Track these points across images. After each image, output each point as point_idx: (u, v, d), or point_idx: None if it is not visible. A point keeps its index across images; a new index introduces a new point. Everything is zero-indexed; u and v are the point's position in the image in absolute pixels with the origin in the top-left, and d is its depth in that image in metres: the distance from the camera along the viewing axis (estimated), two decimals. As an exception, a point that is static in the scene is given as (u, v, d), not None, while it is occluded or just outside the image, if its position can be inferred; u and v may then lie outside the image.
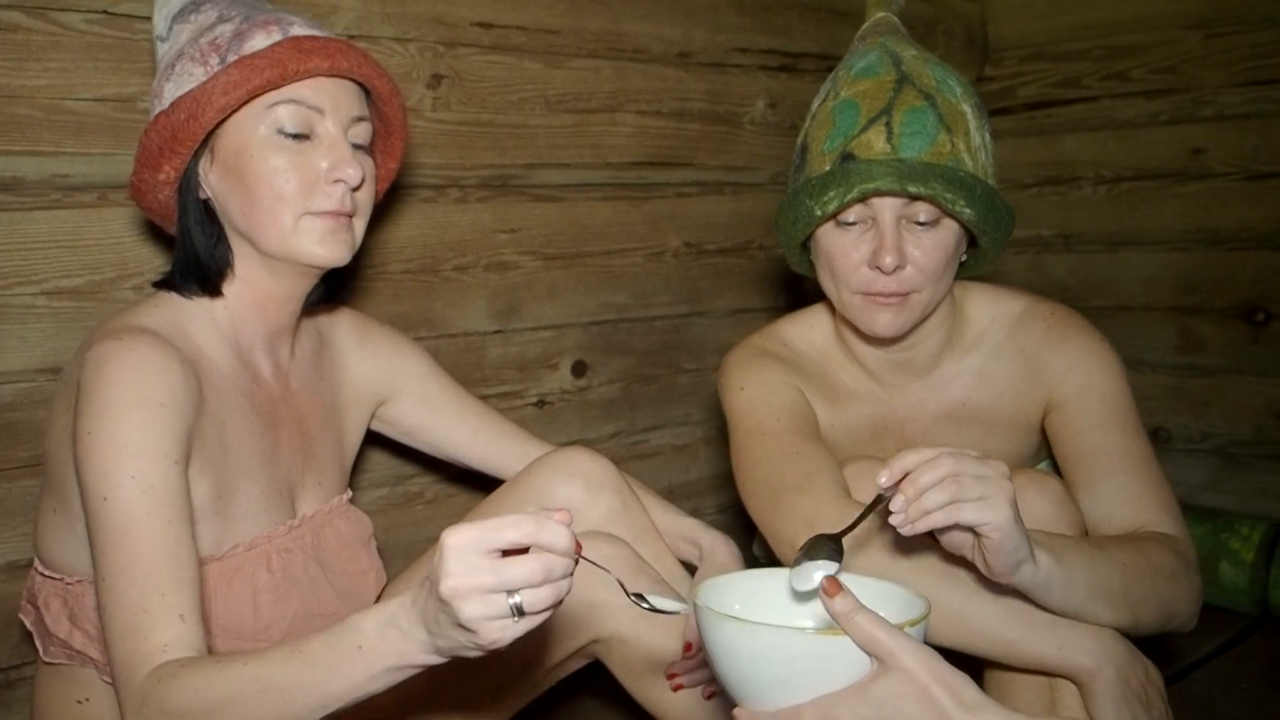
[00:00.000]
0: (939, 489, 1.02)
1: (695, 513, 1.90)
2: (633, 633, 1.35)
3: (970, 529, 1.05)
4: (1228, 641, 1.99)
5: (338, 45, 1.22)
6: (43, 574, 1.27)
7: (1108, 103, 2.46)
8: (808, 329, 1.56)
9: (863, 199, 1.34)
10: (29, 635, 1.28)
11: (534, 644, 1.33)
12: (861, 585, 1.01)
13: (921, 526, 1.03)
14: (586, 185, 2.00)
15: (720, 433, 2.21)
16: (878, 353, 1.50)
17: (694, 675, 1.34)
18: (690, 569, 1.48)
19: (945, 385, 1.51)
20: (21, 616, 1.29)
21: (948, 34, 2.56)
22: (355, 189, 1.24)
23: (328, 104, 1.23)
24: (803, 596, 1.06)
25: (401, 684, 1.25)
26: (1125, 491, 1.34)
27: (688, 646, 1.33)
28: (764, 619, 0.94)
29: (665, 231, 2.12)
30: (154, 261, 1.51)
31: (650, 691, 1.37)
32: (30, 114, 1.41)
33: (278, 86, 1.19)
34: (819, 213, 1.35)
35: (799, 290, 2.30)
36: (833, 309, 1.53)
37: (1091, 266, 2.51)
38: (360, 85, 1.27)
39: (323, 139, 1.23)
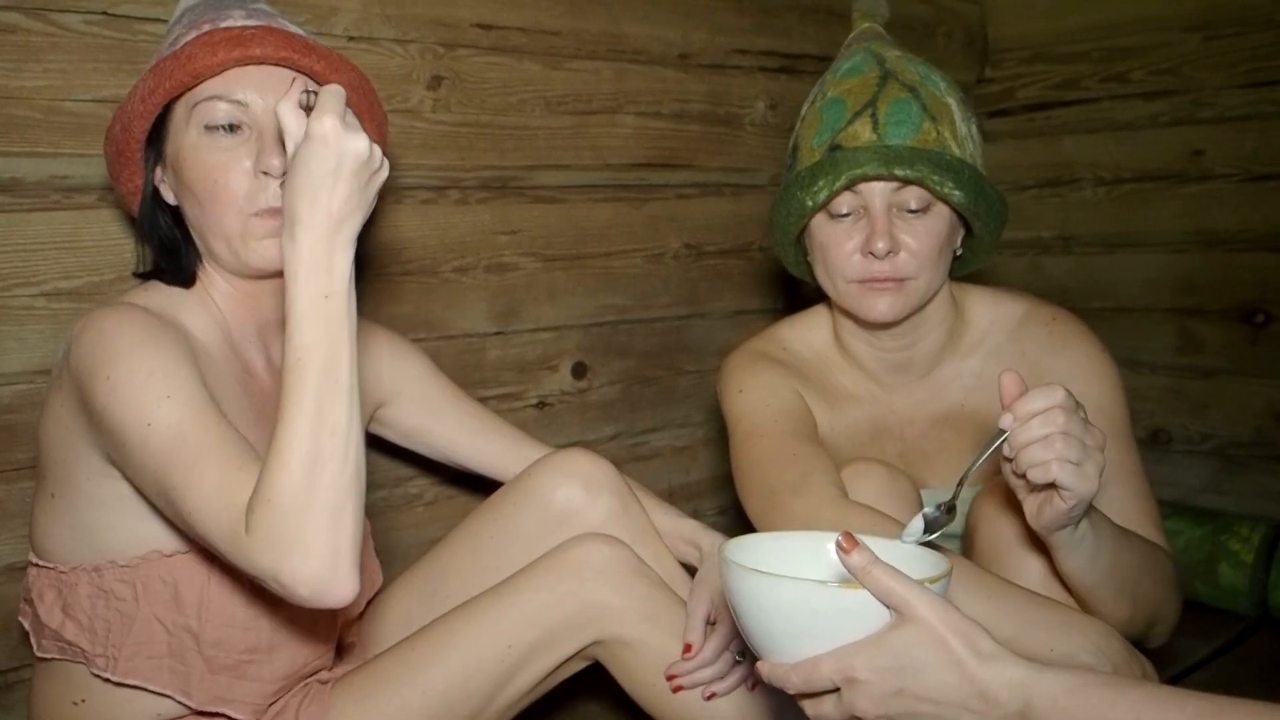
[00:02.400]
0: (1044, 445, 1.05)
1: (695, 514, 1.90)
2: (634, 635, 1.35)
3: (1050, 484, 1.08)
4: (1227, 643, 1.99)
5: (254, 32, 1.18)
6: (37, 565, 1.26)
7: (1107, 104, 2.46)
8: (807, 331, 1.57)
9: (850, 185, 1.36)
10: (28, 637, 1.28)
11: (532, 645, 1.33)
12: (888, 548, 1.03)
13: (1024, 468, 1.07)
14: (586, 187, 1.99)
15: (720, 435, 2.21)
16: (877, 353, 1.50)
17: (694, 676, 1.34)
18: (690, 570, 1.48)
19: (944, 387, 1.51)
20: (20, 619, 1.29)
21: (947, 35, 2.56)
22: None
23: (253, 94, 1.19)
24: (824, 559, 1.07)
25: (394, 692, 1.26)
26: (1116, 504, 1.34)
27: (688, 648, 1.33)
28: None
29: (665, 233, 2.12)
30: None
31: (651, 693, 1.37)
32: (29, 115, 1.41)
33: (190, 86, 1.17)
34: (810, 203, 1.37)
35: (798, 292, 2.30)
36: (832, 311, 1.53)
37: (1091, 268, 2.50)
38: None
39: (252, 131, 1.20)
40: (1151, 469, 1.43)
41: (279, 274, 1.23)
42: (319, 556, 0.99)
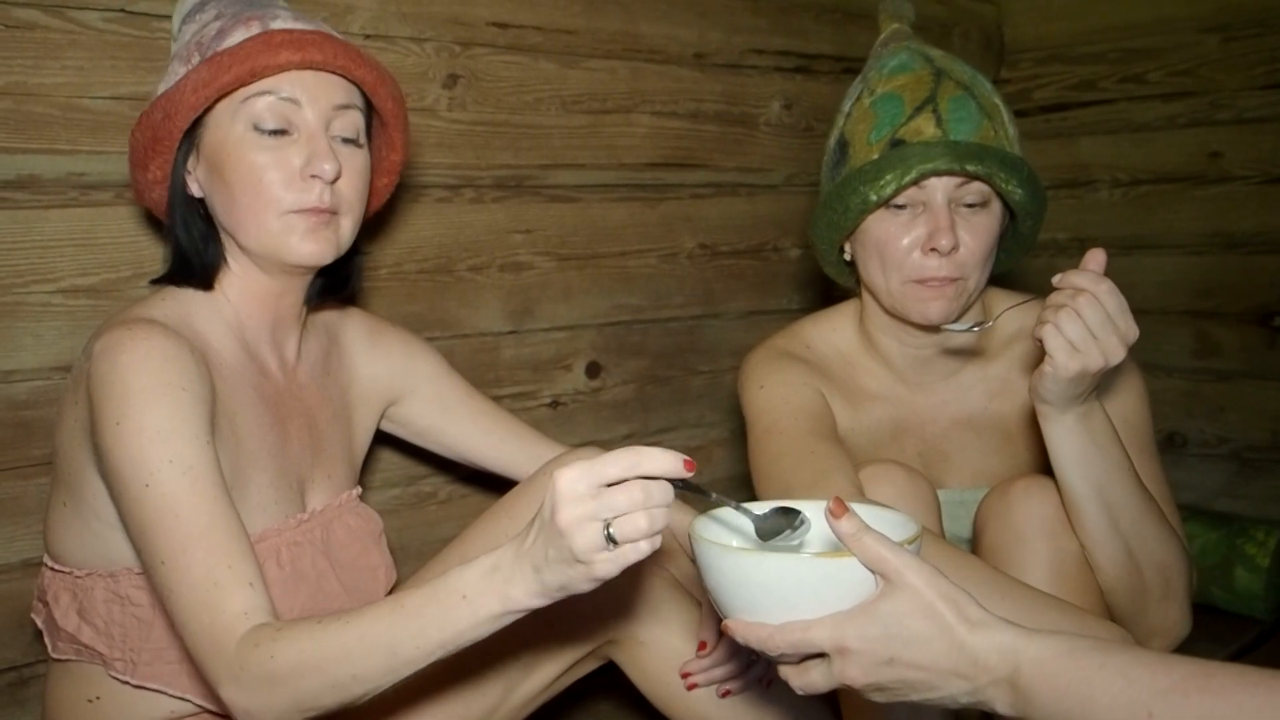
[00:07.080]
0: (1054, 310, 1.19)
1: (708, 514, 1.90)
2: (647, 633, 1.34)
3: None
4: (1243, 648, 1.98)
5: (312, 37, 1.19)
6: (52, 569, 1.27)
7: (1124, 105, 2.45)
8: (831, 331, 1.56)
9: (920, 179, 1.35)
10: (41, 634, 1.28)
11: (546, 644, 1.33)
12: (862, 513, 1.01)
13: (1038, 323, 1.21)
14: (601, 186, 1.99)
15: (734, 434, 2.21)
16: (907, 349, 1.49)
17: (709, 674, 1.34)
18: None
19: (968, 390, 1.51)
20: (33, 615, 1.29)
21: (964, 36, 2.56)
22: (333, 182, 1.21)
23: (304, 95, 1.20)
24: (782, 530, 1.05)
25: (406, 692, 1.26)
26: None
27: (702, 645, 1.33)
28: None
29: (680, 233, 2.12)
30: (170, 260, 1.51)
31: (665, 692, 1.36)
32: (47, 112, 1.42)
33: (246, 83, 1.18)
34: (874, 198, 1.36)
35: (813, 292, 2.30)
36: (861, 308, 1.53)
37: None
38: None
39: (301, 132, 1.21)
40: (1167, 472, 1.42)
41: (310, 269, 1.25)
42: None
